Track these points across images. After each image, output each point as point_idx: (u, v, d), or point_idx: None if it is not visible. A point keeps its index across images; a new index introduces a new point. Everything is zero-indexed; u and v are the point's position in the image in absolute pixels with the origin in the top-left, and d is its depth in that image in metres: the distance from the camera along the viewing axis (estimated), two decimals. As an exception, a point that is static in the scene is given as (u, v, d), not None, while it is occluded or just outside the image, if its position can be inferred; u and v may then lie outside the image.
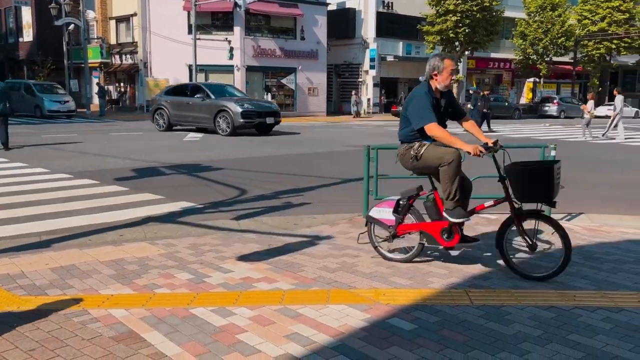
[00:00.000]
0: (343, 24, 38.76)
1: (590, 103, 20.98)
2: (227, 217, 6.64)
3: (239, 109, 18.14)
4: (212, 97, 18.96)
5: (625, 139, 19.72)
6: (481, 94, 23.16)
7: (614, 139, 19.84)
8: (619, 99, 20.39)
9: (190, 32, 30.87)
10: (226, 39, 31.58)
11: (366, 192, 6.40)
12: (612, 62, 44.73)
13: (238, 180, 9.36)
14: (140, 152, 13.39)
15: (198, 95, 19.26)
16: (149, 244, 5.27)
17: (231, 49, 30.98)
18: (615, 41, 41.31)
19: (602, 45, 41.61)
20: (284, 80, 35.24)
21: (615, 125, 20.43)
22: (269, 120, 19.05)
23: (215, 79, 33.37)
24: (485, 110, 22.74)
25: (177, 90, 20.84)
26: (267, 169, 11.00)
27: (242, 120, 18.08)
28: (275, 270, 4.46)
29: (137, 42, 34.12)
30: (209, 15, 33.22)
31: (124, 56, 36.11)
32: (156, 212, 6.89)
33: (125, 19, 35.91)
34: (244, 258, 4.79)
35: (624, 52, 42.85)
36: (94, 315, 3.49)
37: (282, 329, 3.31)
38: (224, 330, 3.30)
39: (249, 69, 33.66)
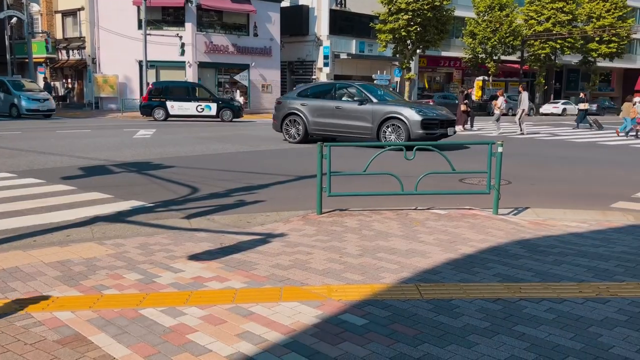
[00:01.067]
0: (296, 21, 38.74)
1: (500, 100, 22.05)
2: (178, 215, 6.54)
3: (418, 117, 13.96)
4: (374, 100, 14.78)
5: (527, 133, 21.13)
6: (465, 92, 23.26)
7: (523, 133, 20.99)
8: (524, 95, 21.60)
9: (140, 27, 30.24)
10: (177, 34, 31.09)
11: (319, 189, 6.42)
12: (556, 61, 46.28)
13: (190, 178, 9.23)
14: (88, 150, 13.03)
15: (352, 99, 15.19)
16: (97, 244, 5.14)
17: (182, 45, 30.51)
18: (559, 41, 42.79)
19: (547, 45, 43.03)
20: (237, 77, 34.95)
21: (522, 122, 21.64)
22: (450, 131, 14.82)
23: (166, 75, 32.82)
24: (466, 108, 22.64)
25: (318, 92, 16.38)
26: (220, 166, 10.88)
27: (421, 131, 13.87)
28: (227, 269, 4.42)
29: (84, 37, 33.16)
30: (160, 10, 32.62)
31: (71, 51, 35.04)
32: (104, 211, 6.72)
33: (72, 13, 34.85)
34: (195, 257, 4.73)
35: (568, 52, 44.45)
36: (38, 319, 3.38)
37: (234, 328, 3.28)
38: (174, 330, 3.25)
39: (201, 65, 33.24)
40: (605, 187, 9.25)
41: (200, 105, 25.71)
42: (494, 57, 42.00)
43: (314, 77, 38.97)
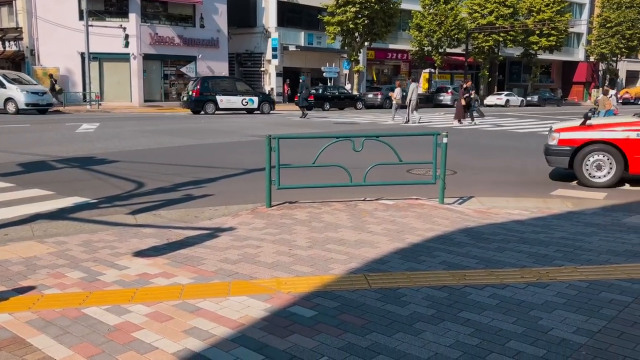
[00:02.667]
0: (244, 12, 38.31)
1: (398, 90, 22.99)
2: (123, 211, 6.38)
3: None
4: None
5: (413, 122, 21.98)
6: (464, 86, 23.30)
7: (415, 122, 21.91)
8: (412, 85, 22.65)
9: (81, 18, 29.19)
10: (121, 25, 30.21)
11: (268, 182, 6.39)
12: (499, 54, 47.54)
13: (135, 172, 9.01)
14: (28, 145, 12.52)
15: None
16: (37, 242, 4.96)
17: (126, 37, 29.66)
18: (502, 34, 43.97)
19: (490, 38, 44.15)
20: (183, 69, 34.30)
21: (412, 111, 22.54)
22: None
23: (110, 68, 31.91)
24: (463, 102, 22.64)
25: None
26: (166, 160, 10.68)
27: None
28: (174, 264, 4.34)
29: (21, 28, 31.76)
30: (102, 1, 31.60)
31: (7, 42, 33.51)
32: (45, 208, 6.48)
33: (7, 2, 33.29)
34: (140, 253, 4.62)
35: (510, 45, 45.74)
36: (-27, 322, 3.23)
37: (181, 324, 3.23)
38: (118, 329, 3.17)
39: (146, 58, 32.44)
40: (545, 175, 9.57)
41: (245, 98, 26.91)
42: (440, 50, 42.75)
43: (262, 69, 38.69)
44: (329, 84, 37.02)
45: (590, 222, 5.93)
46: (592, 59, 57.35)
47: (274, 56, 37.73)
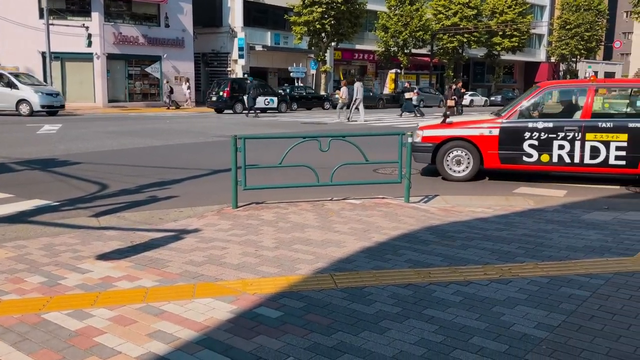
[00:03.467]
0: (209, 11, 38.00)
1: (344, 90, 23.93)
2: (86, 214, 6.26)
3: None
4: None
5: (365, 120, 22.62)
6: (453, 87, 23.53)
7: (356, 121, 22.44)
8: (357, 85, 23.56)
9: (41, 16, 28.51)
10: (83, 24, 29.63)
11: (234, 182, 6.34)
12: (464, 54, 48.27)
13: (98, 174, 8.85)
14: (-15, 148, 12.17)
15: None
16: (-5, 247, 4.82)
17: (89, 36, 29.12)
18: (466, 35, 44.67)
19: (455, 39, 44.81)
20: (148, 69, 33.83)
21: (357, 109, 23.49)
22: None
23: (72, 68, 31.26)
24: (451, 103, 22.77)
25: None
26: (130, 161, 10.51)
27: None
28: (138, 267, 4.28)
29: (-22, 26, 30.84)
30: (63, 0, 30.91)
31: (-37, 41, 32.48)
32: (4, 211, 6.31)
33: (-37, 0, 32.27)
34: (104, 257, 4.54)
35: (474, 46, 46.51)
36: None
37: (145, 328, 3.19)
38: (80, 334, 3.11)
39: (110, 57, 31.88)
40: (507, 174, 9.75)
41: (267, 99, 29.06)
42: (406, 51, 43.18)
43: (229, 69, 38.44)
44: (296, 84, 37.00)
45: (551, 219, 6.06)
46: (552, 59, 58.74)
47: (241, 56, 37.54)
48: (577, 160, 8.26)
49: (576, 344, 3.02)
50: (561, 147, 8.28)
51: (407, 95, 28.62)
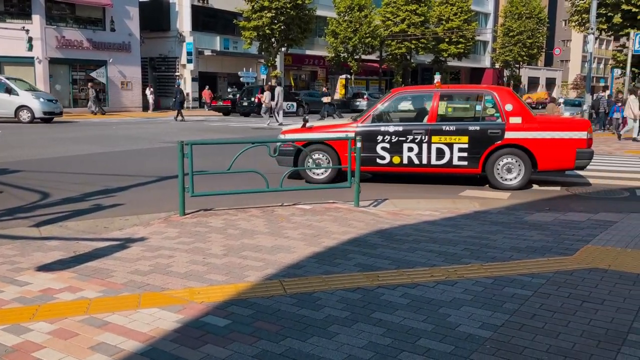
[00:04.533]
0: (157, 16, 37.35)
1: (267, 94, 24.60)
2: (26, 224, 6.02)
3: None
4: None
5: (280, 124, 22.95)
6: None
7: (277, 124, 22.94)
8: (278, 89, 24.43)
9: (-22, 18, 27.32)
10: (24, 27, 28.54)
11: (181, 189, 6.24)
12: (412, 60, 49.14)
13: (40, 182, 8.53)
14: None
15: None
16: None
17: (30, 39, 28.06)
18: (414, 41, 45.47)
19: (403, 45, 45.53)
20: (93, 74, 32.88)
21: (278, 113, 24.31)
22: None
23: (12, 72, 30.04)
24: None
25: None
26: (74, 169, 10.19)
27: None
28: (80, 278, 4.14)
29: None
30: (1, 1, 29.74)
31: None
32: (-64, 223, 6.00)
33: None
34: (44, 268, 4.38)
35: (422, 52, 47.38)
36: None
37: (87, 340, 3.08)
38: (17, 349, 2.98)
39: (53, 62, 30.83)
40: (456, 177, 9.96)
41: (289, 103, 30.88)
42: (356, 57, 43.59)
43: (177, 73, 37.87)
44: (246, 87, 36.73)
45: (495, 220, 6.23)
46: (497, 65, 60.51)
47: (189, 60, 37.04)
48: (424, 161, 8.68)
49: (518, 342, 3.11)
50: (410, 149, 8.69)
51: (324, 99, 29.75)
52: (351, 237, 5.36)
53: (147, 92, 34.82)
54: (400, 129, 8.75)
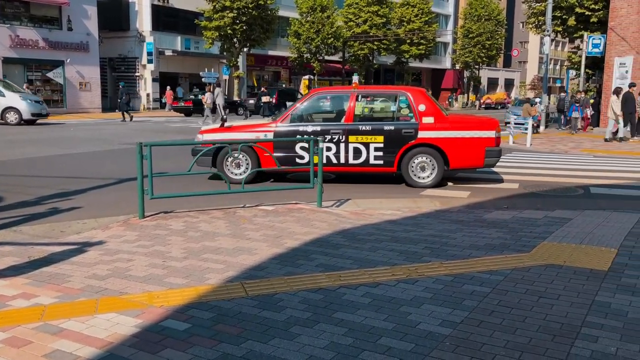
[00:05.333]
0: (116, 15, 36.63)
1: (208, 95, 24.82)
2: (-22, 229, 5.81)
3: None
4: None
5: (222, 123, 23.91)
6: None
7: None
8: (217, 90, 24.74)
9: None
10: (-25, 26, 27.62)
11: (140, 192, 6.12)
12: (374, 61, 49.53)
13: (-7, 186, 8.26)
14: None
15: None
16: None
17: (-18, 38, 27.18)
18: (376, 43, 45.83)
19: (365, 46, 45.84)
20: (50, 74, 32.03)
21: (218, 112, 24.67)
22: None
23: (-37, 71, 29.03)
24: None
25: None
26: (30, 172, 9.91)
27: None
28: (35, 284, 4.02)
29: None
30: (-49, -2, 28.72)
31: None
32: None
33: None
34: (-4, 274, 4.23)
35: (384, 53, 47.81)
36: None
37: (41, 348, 3.00)
38: (-33, 359, 2.88)
39: (6, 61, 29.90)
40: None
41: (290, 104, 29.90)
42: (319, 57, 43.68)
43: (137, 74, 37.23)
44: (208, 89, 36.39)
45: (455, 219, 6.33)
46: (457, 67, 61.49)
47: (150, 61, 36.46)
48: (342, 160, 8.82)
49: (477, 338, 3.16)
50: (329, 149, 8.82)
51: (263, 99, 30.02)
52: (314, 238, 5.36)
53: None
54: (319, 128, 8.83)
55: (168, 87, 36.79)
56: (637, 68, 22.56)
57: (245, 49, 37.60)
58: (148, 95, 36.94)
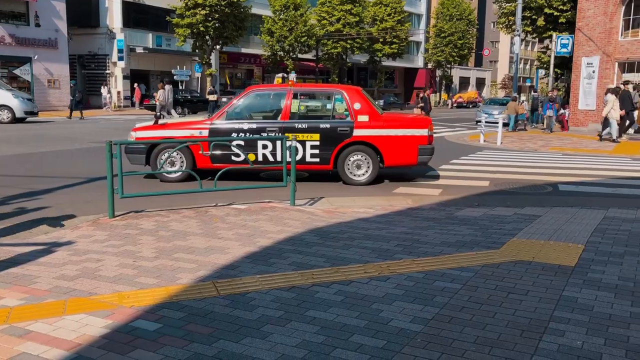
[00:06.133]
0: (85, 11, 35.99)
1: (160, 92, 24.27)
2: (-59, 230, 5.66)
3: None
4: None
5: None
6: (422, 95, 22.75)
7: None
8: (167, 87, 24.57)
9: None
10: (-63, 21, 26.86)
11: (110, 191, 6.04)
12: (347, 60, 49.67)
13: (-43, 186, 8.05)
14: None
15: None
16: None
17: (-55, 34, 26.44)
18: (349, 41, 45.97)
19: (339, 45, 45.94)
20: (17, 71, 31.32)
21: (169, 112, 24.65)
22: None
23: None
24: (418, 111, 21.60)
25: None
26: (-3, 171, 9.68)
27: None
28: (1, 285, 3.93)
29: None
30: None
31: None
32: None
33: None
34: (-40, 276, 4.12)
35: (357, 52, 47.98)
36: None
37: (6, 351, 2.93)
38: None
39: (-29, 58, 29.19)
40: (390, 174, 10.15)
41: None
42: (292, 55, 43.60)
43: (107, 71, 36.66)
44: (180, 87, 36.05)
45: (427, 216, 6.39)
46: (429, 66, 62.06)
47: (120, 58, 35.92)
48: (279, 158, 8.66)
49: (448, 334, 3.19)
50: (265, 146, 8.82)
51: (210, 97, 29.72)
52: (286, 236, 5.36)
53: (103, 90, 34.08)
54: (255, 126, 8.81)
55: (136, 85, 36.33)
56: (603, 68, 23.07)
57: (217, 47, 37.33)
58: (119, 93, 36.41)
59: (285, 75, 46.16)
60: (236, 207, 6.78)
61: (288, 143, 6.81)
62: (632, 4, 22.47)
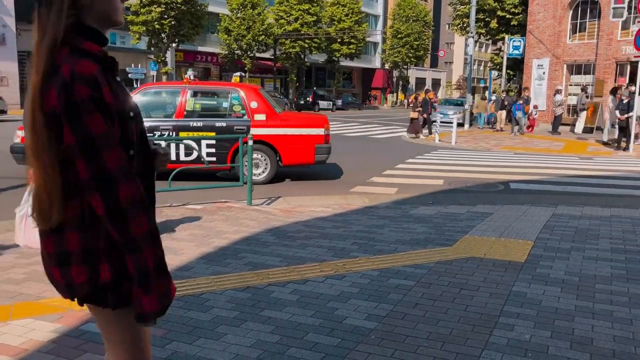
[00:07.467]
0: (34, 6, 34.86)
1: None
2: None
3: None
4: None
5: None
6: (419, 98, 21.65)
7: None
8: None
9: None
10: None
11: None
12: (305, 59, 49.70)
13: None
14: None
15: None
16: None
17: None
18: (307, 41, 46.00)
19: (297, 44, 45.91)
20: (-38, 68, 30.14)
21: None
22: None
23: None
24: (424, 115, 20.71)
25: None
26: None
27: None
28: (-58, 290, 3.78)
29: None
30: None
31: None
32: None
33: None
34: None
35: (315, 52, 48.06)
36: None
37: (-53, 359, 2.82)
38: None
39: None
40: (347, 173, 10.22)
41: (329, 102, 43.09)
42: (250, 54, 43.35)
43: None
44: (135, 85, 35.37)
45: (383, 215, 6.46)
46: (387, 66, 62.71)
47: (73, 55, 34.95)
48: (174, 157, 8.64)
49: (401, 331, 3.24)
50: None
51: None
52: (243, 236, 5.32)
53: None
54: (147, 125, 8.61)
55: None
56: (552, 69, 23.80)
57: (173, 45, 36.79)
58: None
59: (242, 74, 45.92)
60: (191, 207, 6.69)
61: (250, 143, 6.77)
62: (579, 9, 23.26)
